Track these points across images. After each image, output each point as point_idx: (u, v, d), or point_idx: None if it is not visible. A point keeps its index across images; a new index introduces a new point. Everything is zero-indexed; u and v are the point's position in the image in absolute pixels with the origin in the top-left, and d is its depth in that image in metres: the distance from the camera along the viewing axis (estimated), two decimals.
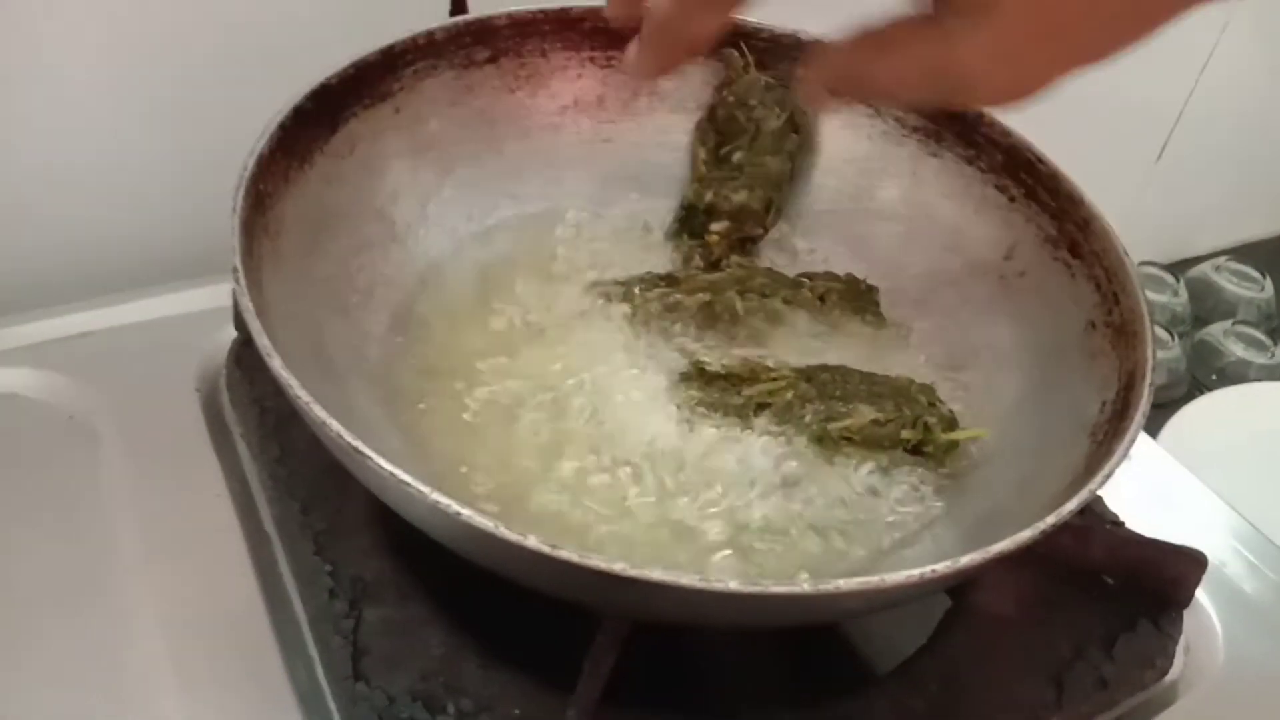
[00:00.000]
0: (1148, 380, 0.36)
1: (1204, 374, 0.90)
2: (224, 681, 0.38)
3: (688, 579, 0.26)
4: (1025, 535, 0.29)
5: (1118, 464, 0.32)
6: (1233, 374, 0.89)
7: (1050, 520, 0.30)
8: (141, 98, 0.53)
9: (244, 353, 0.48)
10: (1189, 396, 0.84)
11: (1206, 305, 0.96)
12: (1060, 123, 0.75)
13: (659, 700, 0.38)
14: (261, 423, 0.45)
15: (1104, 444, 0.34)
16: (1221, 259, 0.98)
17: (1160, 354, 0.84)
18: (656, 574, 0.26)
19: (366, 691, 0.36)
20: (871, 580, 0.27)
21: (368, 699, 0.36)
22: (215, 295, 0.51)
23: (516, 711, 0.36)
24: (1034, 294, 0.45)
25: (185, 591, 0.41)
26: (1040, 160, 0.45)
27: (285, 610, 0.41)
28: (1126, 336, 0.39)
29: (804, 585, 0.27)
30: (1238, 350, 0.89)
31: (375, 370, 0.42)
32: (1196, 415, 0.81)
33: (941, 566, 0.28)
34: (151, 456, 0.46)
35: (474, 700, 0.36)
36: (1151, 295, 0.92)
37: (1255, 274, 0.96)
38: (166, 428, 0.47)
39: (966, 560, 0.28)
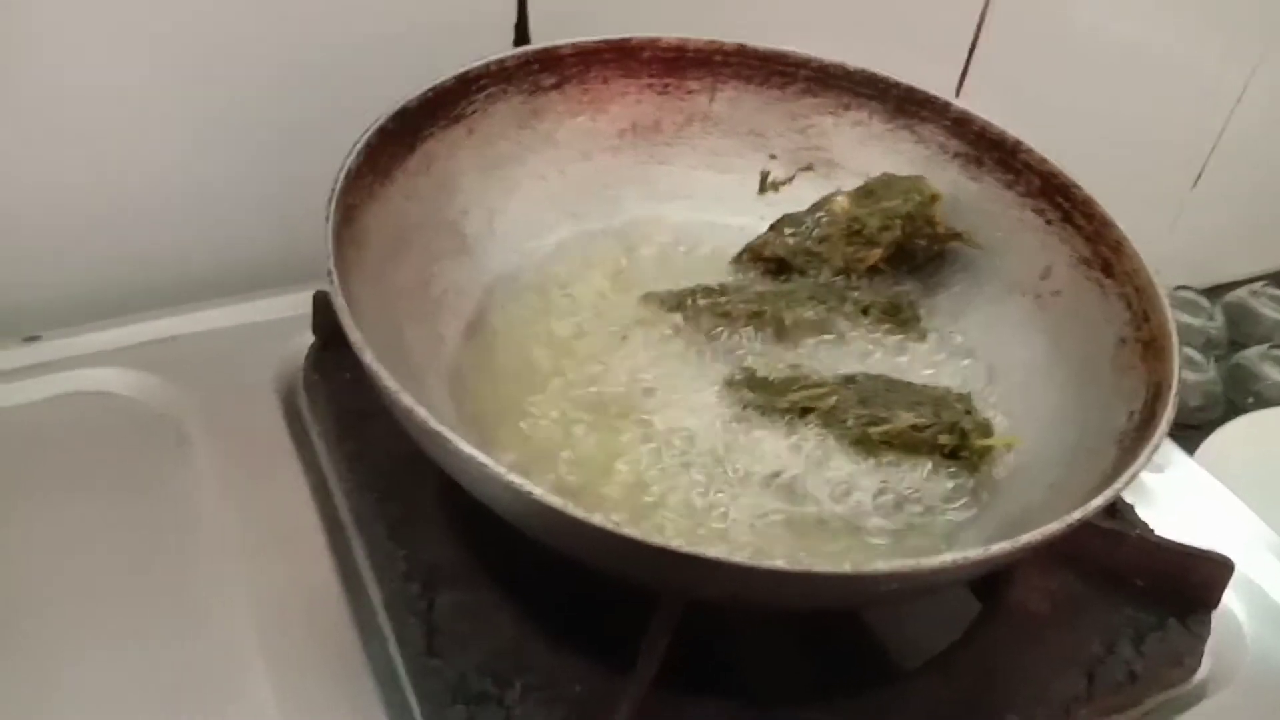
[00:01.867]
0: (1173, 390, 0.38)
1: (1240, 397, 0.91)
2: (306, 661, 0.41)
3: (739, 557, 0.29)
4: (1053, 528, 0.31)
5: (1143, 466, 0.35)
6: (1269, 397, 0.89)
7: (1076, 515, 0.32)
8: (228, 123, 0.57)
9: (320, 356, 0.52)
10: (1224, 419, 0.85)
11: (1243, 330, 0.97)
12: (1099, 150, 0.77)
13: (702, 688, 0.40)
14: (339, 420, 0.48)
15: (1130, 450, 0.37)
16: (1259, 284, 0.99)
17: (1195, 377, 0.87)
18: (711, 551, 0.29)
19: (440, 666, 0.39)
20: (908, 563, 0.29)
21: (440, 673, 0.39)
22: (294, 304, 0.55)
23: (578, 688, 0.39)
24: (1068, 311, 0.47)
25: (268, 577, 0.44)
26: (1075, 186, 0.48)
27: (361, 595, 0.44)
28: (1155, 351, 0.41)
29: (846, 566, 0.29)
30: (1274, 374, 0.90)
31: (448, 370, 0.45)
32: (1232, 436, 0.82)
33: (973, 553, 0.30)
34: (234, 452, 0.49)
35: (539, 677, 0.39)
36: (1187, 319, 0.93)
37: None
38: (248, 425, 0.50)
39: (996, 549, 0.30)
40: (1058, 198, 0.48)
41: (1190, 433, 0.84)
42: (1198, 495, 0.54)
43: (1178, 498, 0.53)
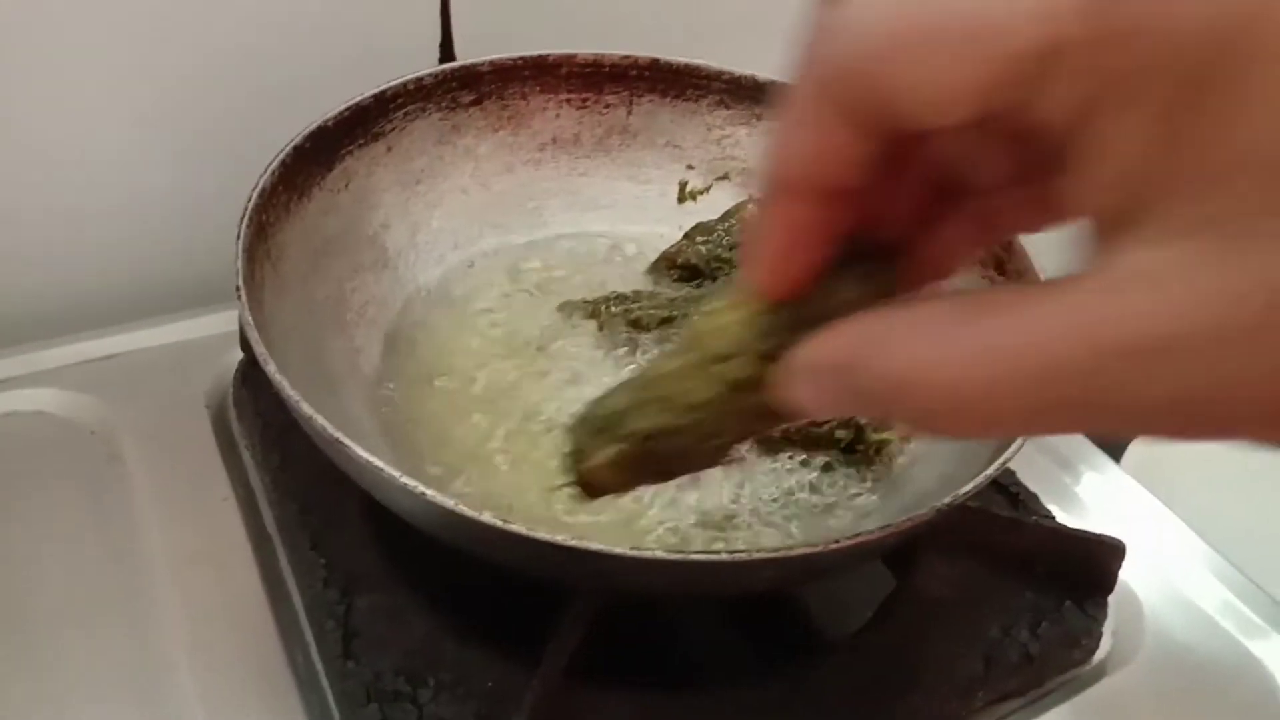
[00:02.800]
0: None
1: None
2: (232, 667, 0.42)
3: (620, 549, 0.31)
4: (921, 515, 0.33)
5: (1013, 455, 0.36)
6: None
7: (945, 500, 0.34)
8: (158, 144, 0.58)
9: (249, 372, 0.53)
10: None
11: None
12: None
13: (626, 676, 0.41)
14: (264, 434, 0.50)
15: (1006, 440, 0.38)
16: None
17: None
18: (594, 545, 0.30)
19: (356, 669, 0.40)
20: (780, 550, 0.31)
21: (357, 675, 0.40)
22: (223, 321, 0.56)
23: (489, 683, 0.40)
24: None
25: (197, 589, 0.45)
26: None
27: (285, 602, 0.45)
28: None
29: (722, 554, 0.31)
30: None
31: (368, 381, 0.46)
32: None
33: (845, 540, 0.32)
34: (165, 467, 0.50)
35: (451, 674, 0.40)
36: None
37: None
38: (179, 441, 0.51)
39: (864, 535, 0.32)
40: None
41: None
42: (1107, 487, 0.56)
43: (1090, 492, 0.54)
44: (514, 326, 0.50)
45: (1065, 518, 0.51)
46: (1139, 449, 0.82)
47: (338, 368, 0.45)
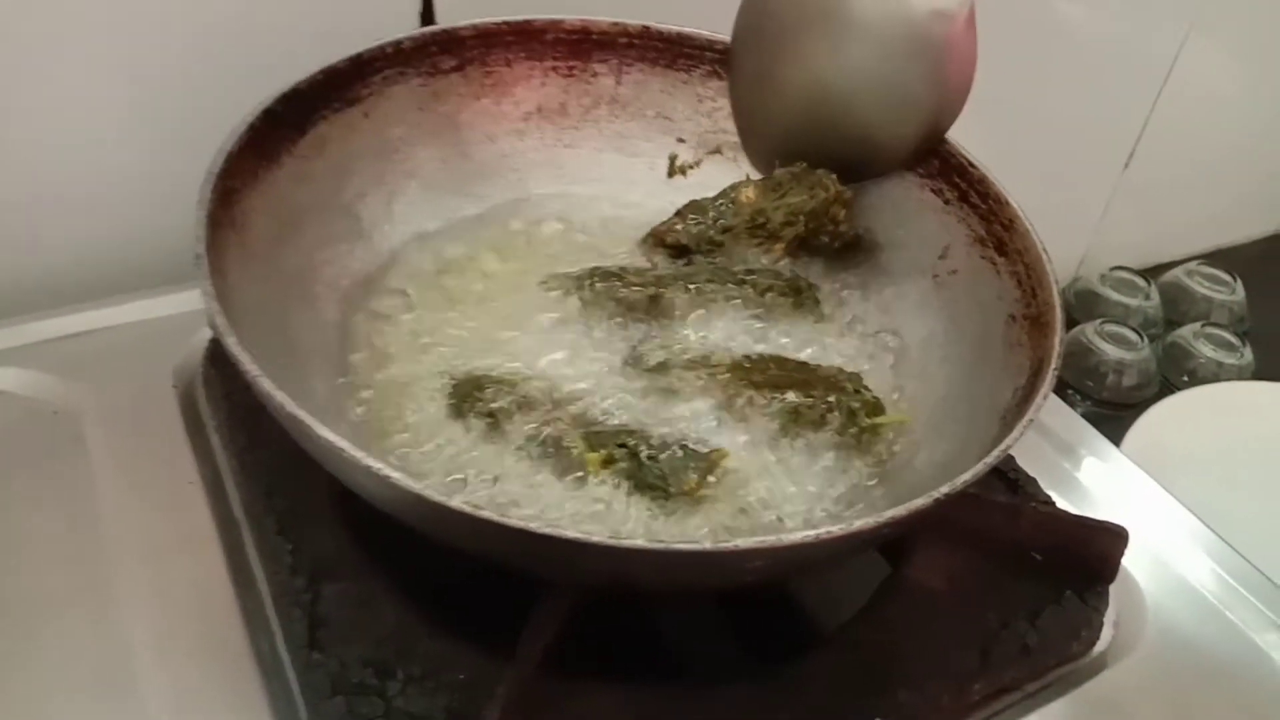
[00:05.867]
0: (1052, 366, 0.38)
1: (1175, 375, 0.91)
2: (195, 656, 0.40)
3: (598, 537, 0.29)
4: (918, 503, 0.31)
5: (1014, 441, 0.34)
6: (1204, 375, 0.90)
7: (944, 490, 0.32)
8: (123, 115, 0.56)
9: (218, 350, 0.51)
10: (1160, 397, 0.85)
11: (1180, 309, 0.98)
12: (1028, 134, 0.77)
13: (606, 669, 0.40)
14: (232, 414, 0.48)
15: (1008, 425, 0.36)
16: (1194, 264, 1.00)
17: (1130, 355, 0.87)
18: (568, 533, 0.28)
19: (322, 659, 0.38)
20: (769, 539, 0.29)
21: (323, 666, 0.38)
22: (193, 299, 0.52)
23: (461, 676, 0.38)
24: (964, 291, 0.47)
25: (160, 575, 0.43)
26: (971, 165, 0.48)
27: (251, 589, 0.43)
28: (1041, 327, 0.41)
29: (706, 543, 0.29)
30: (1208, 351, 0.90)
31: (336, 356, 0.44)
32: (1166, 414, 0.82)
33: (837, 528, 0.30)
34: (131, 448, 0.48)
35: (422, 666, 0.38)
36: (1124, 299, 0.94)
37: (1226, 277, 0.98)
38: (145, 422, 0.49)
39: (860, 524, 0.30)
40: (955, 177, 0.48)
41: (1126, 411, 0.84)
42: (1109, 474, 0.54)
43: (1091, 478, 0.53)
44: (494, 302, 0.48)
45: (1065, 503, 0.49)
46: (1138, 434, 0.80)
47: (306, 342, 0.43)
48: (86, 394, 0.50)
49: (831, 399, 0.42)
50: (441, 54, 0.52)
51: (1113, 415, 0.87)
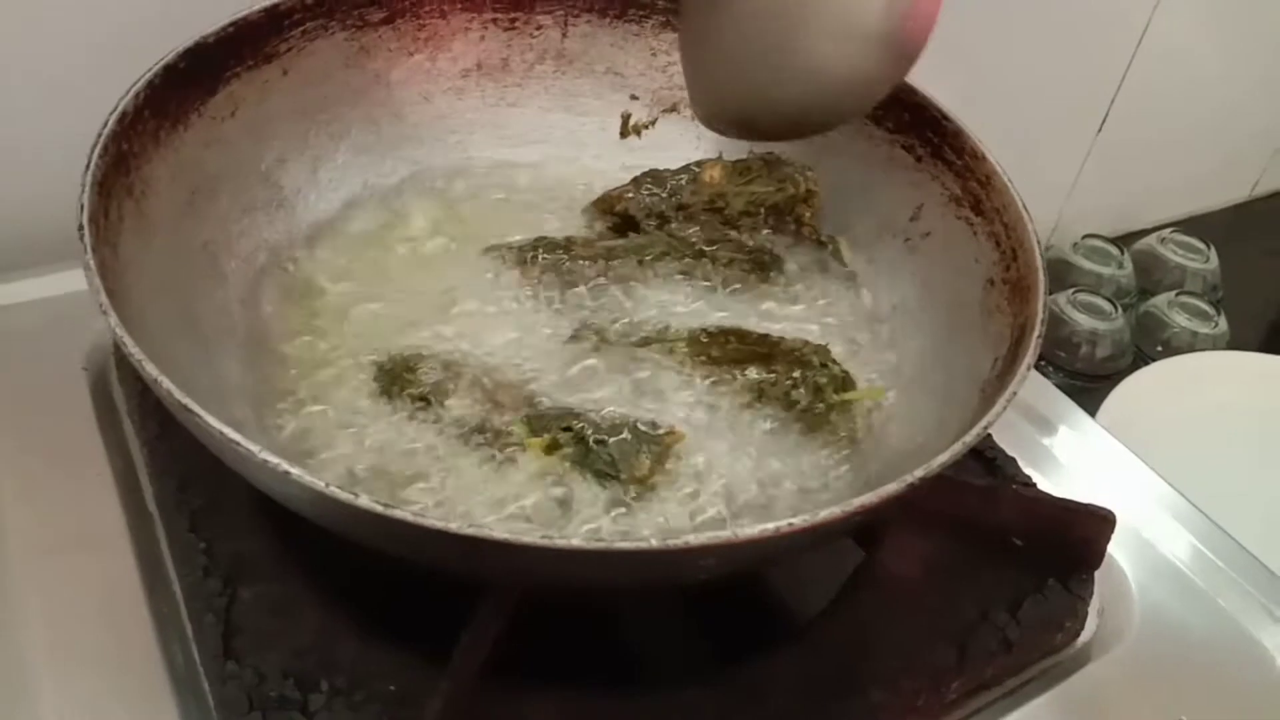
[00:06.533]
0: (1036, 333, 0.35)
1: (1149, 346, 0.89)
2: (99, 666, 0.37)
3: (529, 539, 0.25)
4: (890, 489, 0.28)
5: (995, 418, 0.31)
6: (1178, 345, 0.88)
7: (918, 474, 0.28)
8: (36, 87, 0.51)
9: None
10: (1134, 368, 0.83)
11: (1153, 277, 0.95)
12: (999, 96, 0.73)
13: (554, 675, 0.36)
14: (144, 400, 0.44)
15: (989, 399, 0.33)
16: (1166, 231, 0.98)
17: (1104, 325, 0.85)
18: (497, 534, 0.25)
19: (237, 670, 0.35)
20: (722, 535, 0.26)
21: (238, 677, 0.35)
22: None
23: (392, 687, 0.35)
24: (939, 254, 0.44)
25: (63, 573, 0.40)
26: (945, 118, 0.44)
27: (164, 590, 0.40)
28: (1021, 291, 0.38)
29: (651, 542, 0.26)
30: (1182, 320, 0.88)
31: (253, 338, 0.40)
32: (1140, 385, 0.80)
33: (799, 520, 0.26)
34: (35, 433, 0.44)
35: (348, 677, 0.35)
36: (1096, 267, 0.91)
37: (1200, 245, 0.96)
38: (51, 408, 0.46)
39: (825, 514, 0.27)
40: (928, 132, 0.45)
41: (1100, 383, 0.82)
42: (1089, 450, 0.51)
43: (1071, 454, 0.50)
44: (430, 275, 0.44)
45: (1046, 483, 0.47)
46: (1113, 406, 0.78)
47: (216, 322, 0.39)
48: None
49: (796, 374, 0.38)
50: (369, 4, 0.48)
51: (1086, 387, 0.84)
